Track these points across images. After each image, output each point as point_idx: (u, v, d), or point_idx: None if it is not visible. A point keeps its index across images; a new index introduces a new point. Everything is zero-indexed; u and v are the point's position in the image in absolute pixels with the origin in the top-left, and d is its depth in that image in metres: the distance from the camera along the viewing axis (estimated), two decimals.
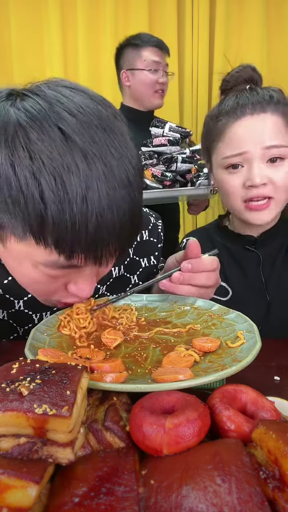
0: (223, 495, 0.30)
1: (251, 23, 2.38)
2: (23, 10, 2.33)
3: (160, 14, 2.39)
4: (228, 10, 2.37)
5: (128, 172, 0.50)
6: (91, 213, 0.46)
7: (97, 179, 0.46)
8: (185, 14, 2.40)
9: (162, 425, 0.36)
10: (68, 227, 0.46)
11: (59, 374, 0.39)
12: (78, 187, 0.45)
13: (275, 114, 0.81)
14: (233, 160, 0.83)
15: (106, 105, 0.52)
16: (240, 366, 0.46)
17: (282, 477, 0.32)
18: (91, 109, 0.49)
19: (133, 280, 0.89)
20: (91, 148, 0.47)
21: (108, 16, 2.34)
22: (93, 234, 0.47)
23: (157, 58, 1.74)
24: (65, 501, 0.31)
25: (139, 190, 0.53)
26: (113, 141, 0.49)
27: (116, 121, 0.52)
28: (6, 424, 0.35)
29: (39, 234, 0.48)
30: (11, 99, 0.50)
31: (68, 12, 2.35)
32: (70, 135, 0.46)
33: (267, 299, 0.89)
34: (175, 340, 0.61)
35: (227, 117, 0.84)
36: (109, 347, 0.59)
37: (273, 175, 0.81)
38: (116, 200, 0.48)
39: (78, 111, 0.48)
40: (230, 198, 0.86)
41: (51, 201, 0.45)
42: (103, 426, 0.41)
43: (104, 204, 0.47)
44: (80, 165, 0.46)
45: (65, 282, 0.58)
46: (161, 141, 1.62)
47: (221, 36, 2.39)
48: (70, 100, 0.49)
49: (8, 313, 0.78)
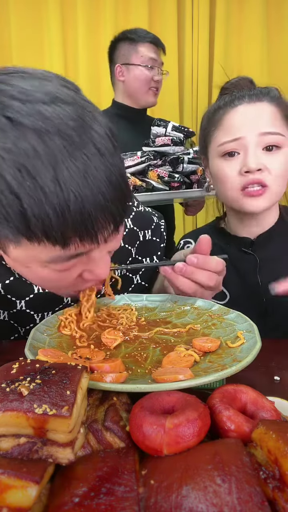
0: (223, 495, 0.30)
1: (251, 23, 2.38)
2: (23, 9, 2.33)
3: (160, 14, 2.38)
4: (228, 10, 2.37)
5: (93, 139, 0.46)
6: (67, 192, 0.44)
7: (61, 155, 0.43)
8: (185, 14, 2.40)
9: (162, 425, 0.36)
10: (50, 214, 0.44)
11: (59, 374, 0.39)
12: (44, 170, 0.43)
13: (272, 104, 0.83)
14: (229, 146, 0.83)
15: (51, 78, 0.49)
16: (240, 366, 0.46)
17: (282, 477, 0.32)
18: (35, 87, 0.46)
19: (135, 280, 0.89)
20: (43, 125, 0.43)
21: (108, 16, 2.34)
22: (78, 213, 0.45)
23: (153, 55, 1.71)
24: (65, 501, 0.31)
25: (113, 154, 0.48)
26: (62, 111, 0.45)
27: (65, 90, 0.47)
28: (6, 424, 0.35)
29: (27, 232, 0.46)
30: None
31: (68, 12, 2.35)
32: (17, 120, 0.43)
33: (263, 302, 0.89)
34: (175, 340, 0.61)
35: (224, 108, 0.86)
36: (109, 347, 0.59)
37: (269, 163, 0.81)
38: (89, 171, 0.45)
39: (20, 93, 0.45)
40: (226, 187, 0.86)
41: (23, 194, 0.43)
42: (103, 426, 0.41)
43: (77, 178, 0.44)
44: (37, 146, 0.43)
45: (79, 272, 0.56)
46: (164, 140, 1.60)
47: (221, 36, 2.39)
48: (9, 85, 0.46)
49: (9, 313, 0.78)
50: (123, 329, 0.65)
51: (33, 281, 0.59)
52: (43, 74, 0.49)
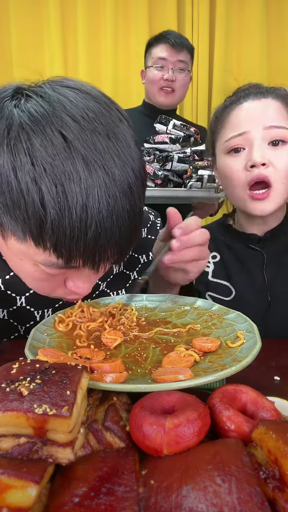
0: (223, 495, 0.30)
1: (251, 23, 2.37)
2: (23, 10, 2.33)
3: (160, 14, 2.38)
4: (228, 11, 2.37)
5: (130, 180, 0.50)
6: (91, 221, 0.47)
7: (98, 187, 0.46)
8: (185, 15, 2.40)
9: (162, 425, 0.36)
10: (67, 234, 0.46)
11: (59, 374, 0.39)
12: (78, 195, 0.46)
13: (277, 100, 0.83)
14: (235, 141, 0.83)
15: (110, 108, 0.52)
16: (240, 366, 0.46)
17: (282, 477, 0.32)
18: (95, 114, 0.49)
19: (133, 276, 0.89)
20: (93, 155, 0.47)
21: (108, 16, 2.34)
22: (92, 241, 0.48)
23: (164, 54, 1.69)
24: (65, 501, 0.31)
25: (140, 197, 0.53)
26: (116, 148, 0.49)
27: (121, 125, 0.51)
28: (6, 424, 0.35)
29: (39, 238, 0.48)
30: (16, 98, 0.50)
31: (68, 12, 2.35)
32: (72, 142, 0.46)
33: (268, 299, 0.89)
34: (175, 340, 0.61)
35: (230, 107, 0.86)
36: (109, 347, 0.59)
37: (274, 158, 0.81)
38: (116, 209, 0.48)
39: (82, 117, 0.48)
40: (232, 184, 0.86)
41: (51, 207, 0.45)
42: (103, 426, 0.41)
43: (104, 212, 0.47)
44: (81, 173, 0.46)
45: (64, 279, 0.59)
46: (163, 138, 1.60)
47: (221, 36, 2.38)
48: (73, 104, 0.49)
49: (8, 311, 0.78)
50: (123, 329, 0.65)
51: (20, 274, 0.61)
52: (106, 102, 0.52)
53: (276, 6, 2.38)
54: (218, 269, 0.95)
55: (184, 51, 1.72)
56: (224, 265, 0.95)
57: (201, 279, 0.95)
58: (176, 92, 1.77)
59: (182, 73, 1.74)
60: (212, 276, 0.95)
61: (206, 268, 0.96)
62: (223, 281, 0.94)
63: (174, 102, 1.82)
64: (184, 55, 1.73)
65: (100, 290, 0.84)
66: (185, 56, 1.73)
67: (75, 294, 0.61)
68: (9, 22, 2.33)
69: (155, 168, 1.56)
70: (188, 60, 1.76)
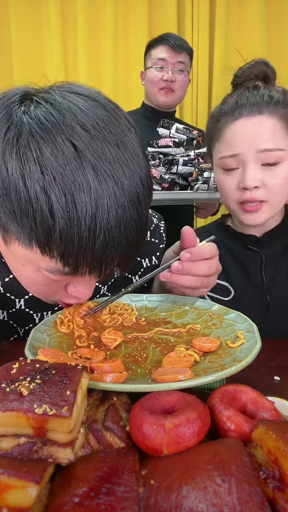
0: (223, 495, 0.30)
1: (251, 23, 2.37)
2: (23, 9, 2.33)
3: (160, 14, 2.38)
4: (228, 10, 2.37)
5: (138, 189, 0.50)
6: (99, 231, 0.46)
7: (108, 197, 0.46)
8: (185, 14, 2.40)
9: (162, 425, 0.36)
10: (75, 243, 0.46)
11: (59, 374, 0.39)
12: (88, 205, 0.45)
13: (273, 116, 0.81)
14: (227, 161, 0.83)
15: (119, 116, 0.52)
16: (240, 366, 0.46)
17: (282, 477, 0.32)
18: (105, 123, 0.49)
19: (135, 280, 0.89)
20: (103, 165, 0.46)
21: (108, 16, 2.34)
22: (99, 251, 0.48)
23: (164, 56, 1.71)
24: (65, 501, 0.31)
25: (147, 206, 0.53)
26: (125, 158, 0.49)
27: (129, 134, 0.51)
28: (6, 424, 0.35)
29: (46, 247, 0.48)
30: (24, 104, 0.49)
31: (68, 12, 2.35)
32: (83, 152, 0.46)
33: (267, 299, 0.89)
34: (175, 340, 0.61)
35: (225, 118, 0.84)
36: (109, 347, 0.59)
37: (267, 178, 0.80)
38: (124, 218, 0.48)
39: (92, 126, 0.48)
40: (226, 198, 0.87)
41: (60, 217, 0.45)
42: (103, 426, 0.41)
43: (113, 222, 0.47)
44: (91, 183, 0.46)
45: (65, 284, 0.59)
46: (166, 142, 1.62)
47: (221, 36, 2.38)
48: (84, 112, 0.48)
49: (8, 313, 0.78)
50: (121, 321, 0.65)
51: (21, 279, 0.60)
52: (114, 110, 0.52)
53: (276, 6, 2.38)
54: None
55: (184, 53, 1.75)
56: (223, 266, 0.95)
57: None
58: (175, 92, 1.79)
59: (181, 74, 1.76)
60: None
61: None
62: (222, 281, 0.94)
63: (174, 102, 1.84)
64: (183, 56, 1.75)
65: (101, 293, 0.84)
66: (184, 57, 1.76)
67: (75, 298, 0.61)
68: (9, 22, 2.33)
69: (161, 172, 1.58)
70: (187, 62, 1.78)
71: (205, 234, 0.99)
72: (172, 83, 1.75)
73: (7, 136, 0.47)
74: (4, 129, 0.47)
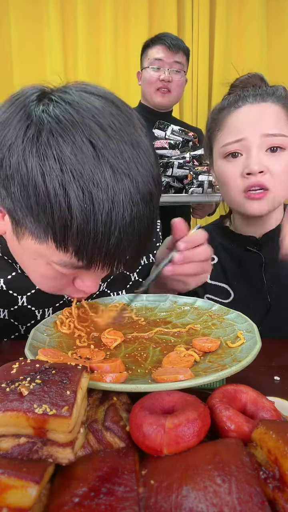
0: (223, 495, 0.30)
1: (251, 23, 2.38)
2: (23, 8, 2.33)
3: (160, 14, 2.39)
4: (228, 10, 2.37)
5: (150, 187, 0.51)
6: (114, 227, 0.48)
7: (124, 194, 0.48)
8: (185, 14, 2.40)
9: (162, 425, 0.36)
10: (91, 238, 0.48)
11: (59, 374, 0.39)
12: (105, 201, 0.47)
13: (276, 104, 0.82)
14: (232, 147, 0.82)
15: (132, 117, 0.54)
16: (240, 366, 0.46)
17: (282, 477, 0.32)
18: (121, 123, 0.51)
19: (133, 277, 0.89)
20: (119, 164, 0.48)
21: (108, 16, 2.34)
22: (114, 246, 0.49)
23: (160, 55, 1.71)
24: (65, 501, 0.31)
25: (158, 203, 0.55)
26: (139, 157, 0.51)
27: (142, 134, 0.53)
28: (6, 424, 0.35)
29: (62, 242, 0.49)
30: (43, 103, 0.51)
31: (68, 11, 2.35)
32: (101, 150, 0.47)
33: (268, 301, 0.89)
34: (175, 340, 0.61)
35: (228, 108, 0.85)
36: (109, 347, 0.59)
37: (272, 165, 0.80)
38: (138, 215, 0.50)
39: (109, 126, 0.49)
40: (228, 188, 0.85)
41: (78, 213, 0.47)
42: (103, 426, 0.41)
43: (127, 219, 0.49)
44: (109, 181, 0.47)
45: (73, 277, 0.60)
46: (162, 144, 1.61)
47: (221, 36, 2.39)
48: (101, 112, 0.50)
49: (9, 311, 0.78)
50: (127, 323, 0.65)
51: (30, 272, 0.61)
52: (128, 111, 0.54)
53: (276, 6, 2.38)
54: (216, 272, 0.95)
55: (180, 53, 1.74)
56: (222, 268, 0.95)
57: None
58: (172, 93, 1.78)
59: (178, 74, 1.76)
60: (210, 279, 0.94)
61: None
62: (221, 283, 0.94)
63: (170, 103, 1.83)
64: (180, 56, 1.75)
65: (101, 290, 0.84)
66: (181, 57, 1.75)
67: (83, 292, 0.62)
68: (9, 20, 2.33)
69: None
70: (184, 62, 1.78)
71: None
72: (169, 83, 1.74)
73: (27, 134, 0.48)
74: (24, 127, 0.49)
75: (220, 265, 0.95)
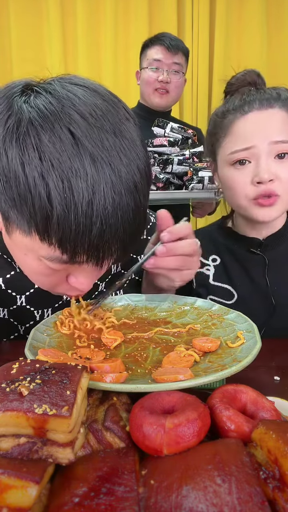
0: (223, 495, 0.30)
1: (251, 23, 2.38)
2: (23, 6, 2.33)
3: (160, 13, 2.38)
4: (228, 10, 2.37)
5: (135, 177, 0.50)
6: (96, 217, 0.47)
7: (104, 184, 0.47)
8: (185, 14, 2.40)
9: (162, 425, 0.36)
10: (73, 229, 0.47)
11: (59, 374, 0.39)
12: (85, 191, 0.46)
13: (283, 110, 0.82)
14: (240, 155, 0.82)
15: (117, 106, 0.53)
16: (240, 366, 0.46)
17: (282, 477, 0.32)
18: (103, 112, 0.50)
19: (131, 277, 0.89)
20: (100, 153, 0.47)
21: (108, 15, 2.34)
22: (96, 238, 0.49)
23: (159, 56, 1.70)
24: (65, 501, 0.31)
25: (145, 195, 0.53)
26: (123, 146, 0.49)
27: (128, 123, 0.52)
28: (6, 424, 0.35)
29: (44, 233, 0.49)
30: (25, 94, 0.50)
31: (68, 11, 2.35)
32: (80, 139, 0.47)
33: (272, 302, 0.89)
34: (175, 340, 0.61)
35: (234, 113, 0.84)
36: (109, 347, 0.59)
37: (280, 171, 0.80)
38: (121, 205, 0.49)
39: (90, 114, 0.48)
40: (236, 195, 0.85)
41: (57, 203, 0.46)
42: (103, 426, 0.41)
43: (109, 209, 0.48)
44: (88, 170, 0.46)
45: (67, 274, 0.60)
46: (161, 141, 1.61)
47: (221, 36, 2.39)
48: (82, 101, 0.49)
49: (8, 310, 0.78)
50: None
51: (25, 270, 0.61)
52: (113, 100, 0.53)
53: (275, 6, 2.38)
54: (219, 273, 0.95)
55: (179, 54, 1.73)
56: (225, 268, 0.95)
57: (202, 283, 0.94)
58: (170, 94, 1.78)
59: (176, 75, 1.75)
60: (213, 280, 0.94)
61: (207, 272, 0.95)
62: (224, 284, 0.93)
63: (168, 104, 1.83)
64: (179, 57, 1.74)
65: (99, 290, 0.84)
66: (180, 58, 1.74)
67: (77, 290, 0.61)
68: (9, 16, 2.33)
69: (156, 172, 1.57)
70: (183, 63, 1.77)
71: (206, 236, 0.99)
72: (167, 84, 1.74)
73: (7, 124, 0.48)
74: (5, 118, 0.49)
75: (223, 266, 0.95)
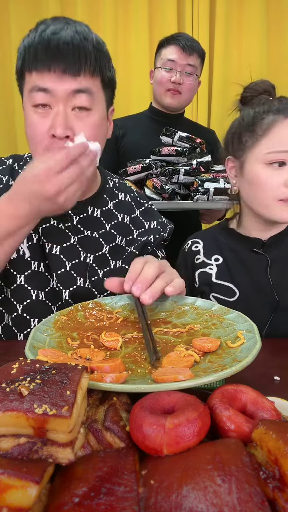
0: (223, 495, 0.30)
1: (251, 23, 2.37)
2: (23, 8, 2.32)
3: (160, 14, 2.38)
4: (228, 10, 2.36)
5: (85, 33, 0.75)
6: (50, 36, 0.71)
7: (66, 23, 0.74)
8: (185, 14, 2.40)
9: (162, 425, 0.36)
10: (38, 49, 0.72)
11: (59, 374, 0.39)
12: (43, 30, 0.72)
13: None
14: (280, 156, 0.86)
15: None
16: (240, 366, 0.46)
17: (282, 477, 0.32)
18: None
19: (118, 264, 0.92)
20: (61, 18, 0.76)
21: (108, 16, 2.33)
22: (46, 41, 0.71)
23: (173, 56, 1.67)
24: (65, 501, 0.31)
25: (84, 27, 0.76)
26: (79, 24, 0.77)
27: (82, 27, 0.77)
28: (6, 424, 0.35)
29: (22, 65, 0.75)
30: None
31: (68, 10, 2.35)
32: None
33: (275, 301, 0.90)
34: (175, 340, 0.61)
35: (275, 115, 0.88)
36: (114, 349, 0.58)
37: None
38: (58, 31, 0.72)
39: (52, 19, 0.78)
40: (264, 193, 0.89)
41: (26, 43, 0.74)
42: (103, 426, 0.41)
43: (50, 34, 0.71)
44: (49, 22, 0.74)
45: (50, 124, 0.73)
46: (169, 150, 1.60)
47: (221, 36, 2.38)
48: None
49: (10, 290, 0.83)
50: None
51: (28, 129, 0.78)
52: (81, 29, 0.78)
53: (276, 6, 2.37)
54: (222, 271, 0.97)
55: (194, 55, 1.69)
56: (227, 267, 0.97)
57: (205, 281, 0.97)
58: (182, 95, 1.74)
59: (190, 77, 1.71)
60: (215, 278, 0.97)
61: (209, 271, 0.98)
62: (226, 282, 0.96)
63: (180, 105, 1.78)
64: (193, 59, 1.70)
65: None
66: (194, 60, 1.70)
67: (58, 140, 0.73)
68: (9, 22, 2.33)
69: (162, 182, 1.57)
70: (198, 65, 1.73)
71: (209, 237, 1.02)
72: (180, 85, 1.70)
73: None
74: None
75: (225, 265, 0.98)
